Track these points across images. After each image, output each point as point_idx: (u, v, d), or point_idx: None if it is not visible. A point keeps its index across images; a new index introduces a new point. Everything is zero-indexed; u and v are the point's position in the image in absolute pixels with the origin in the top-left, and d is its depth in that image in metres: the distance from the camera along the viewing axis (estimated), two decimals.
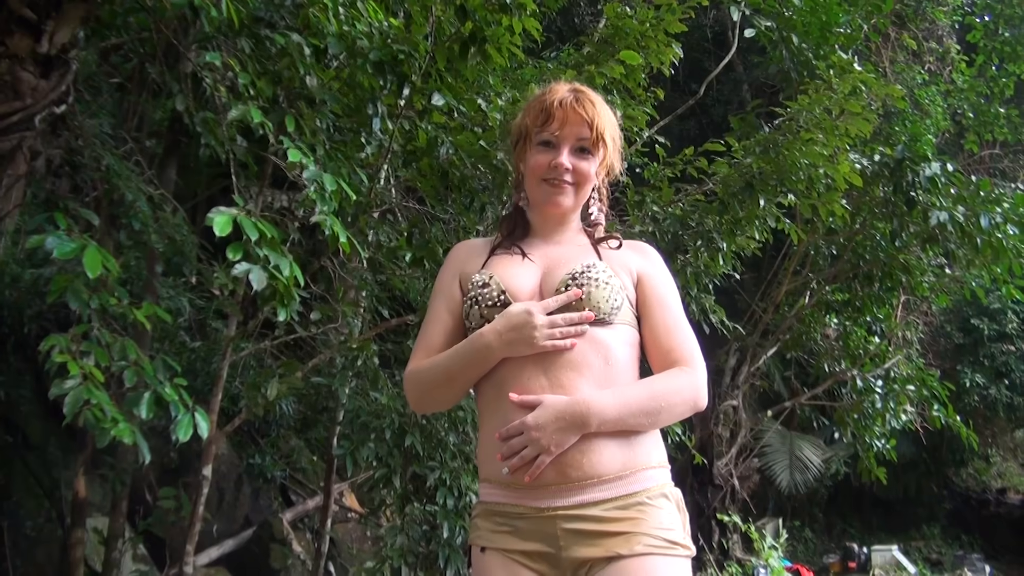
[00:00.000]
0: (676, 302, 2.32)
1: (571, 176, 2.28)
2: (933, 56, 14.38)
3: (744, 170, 6.58)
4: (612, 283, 2.20)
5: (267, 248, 3.38)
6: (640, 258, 2.36)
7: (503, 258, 2.36)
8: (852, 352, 10.13)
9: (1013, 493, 17.96)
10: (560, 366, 2.13)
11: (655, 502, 2.10)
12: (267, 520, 8.12)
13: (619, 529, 2.05)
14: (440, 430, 5.39)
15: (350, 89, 4.72)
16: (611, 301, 2.18)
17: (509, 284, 2.25)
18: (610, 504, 2.07)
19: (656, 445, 2.21)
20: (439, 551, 5.14)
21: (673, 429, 6.63)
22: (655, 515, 2.09)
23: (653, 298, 2.28)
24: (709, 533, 10.87)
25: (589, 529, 2.06)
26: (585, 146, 2.28)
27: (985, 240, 8.22)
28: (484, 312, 2.23)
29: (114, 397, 3.64)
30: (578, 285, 2.17)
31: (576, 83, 2.38)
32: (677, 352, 2.22)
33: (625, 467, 2.10)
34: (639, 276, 2.31)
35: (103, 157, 4.98)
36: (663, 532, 2.08)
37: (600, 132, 2.26)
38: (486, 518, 2.20)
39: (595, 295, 2.16)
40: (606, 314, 2.17)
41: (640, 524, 2.06)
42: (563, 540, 2.07)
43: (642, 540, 2.05)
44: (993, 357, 14.16)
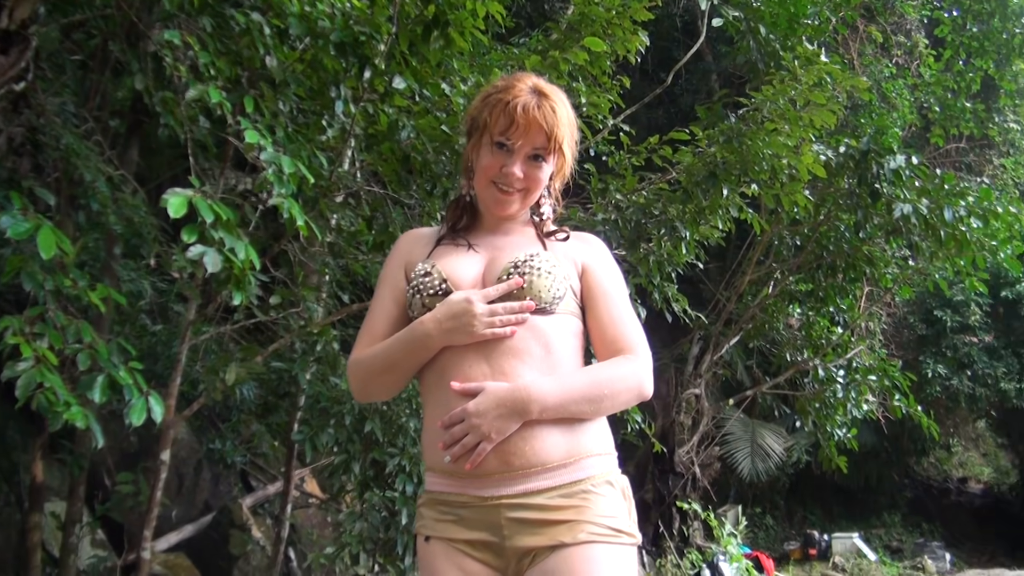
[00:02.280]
0: (621, 293, 2.32)
1: (521, 183, 2.27)
2: (901, 50, 14.49)
3: (708, 159, 6.59)
4: (555, 272, 2.20)
5: (223, 231, 3.34)
6: (585, 249, 2.36)
7: (448, 247, 2.36)
8: (815, 342, 10.19)
9: (974, 482, 18.21)
10: (501, 353, 2.13)
11: (599, 490, 2.11)
12: (227, 506, 8.07)
13: (563, 517, 2.05)
14: (401, 416, 5.38)
15: (313, 71, 4.69)
16: (553, 290, 2.17)
17: (451, 273, 2.25)
18: (554, 492, 2.07)
19: (602, 432, 2.20)
20: (398, 538, 5.13)
21: (634, 417, 6.65)
22: (599, 503, 2.09)
23: (598, 289, 2.28)
24: (670, 520, 10.92)
25: (533, 518, 2.06)
26: (540, 154, 2.26)
27: (949, 233, 8.29)
28: (426, 301, 2.23)
29: (68, 380, 3.61)
30: (520, 274, 2.17)
31: (538, 81, 2.32)
32: (622, 341, 2.21)
33: (569, 455, 2.09)
34: (584, 267, 2.31)
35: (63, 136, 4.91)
36: (607, 520, 2.08)
37: (558, 142, 2.23)
38: (431, 507, 2.21)
39: (536, 284, 2.16)
40: (547, 303, 2.17)
41: (584, 512, 2.06)
42: (507, 529, 2.07)
43: (586, 528, 2.05)
44: (956, 348, 14.31)
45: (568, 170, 2.39)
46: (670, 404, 11.18)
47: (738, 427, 12.85)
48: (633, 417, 6.66)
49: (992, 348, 14.45)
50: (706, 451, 11.69)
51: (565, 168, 2.36)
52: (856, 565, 13.01)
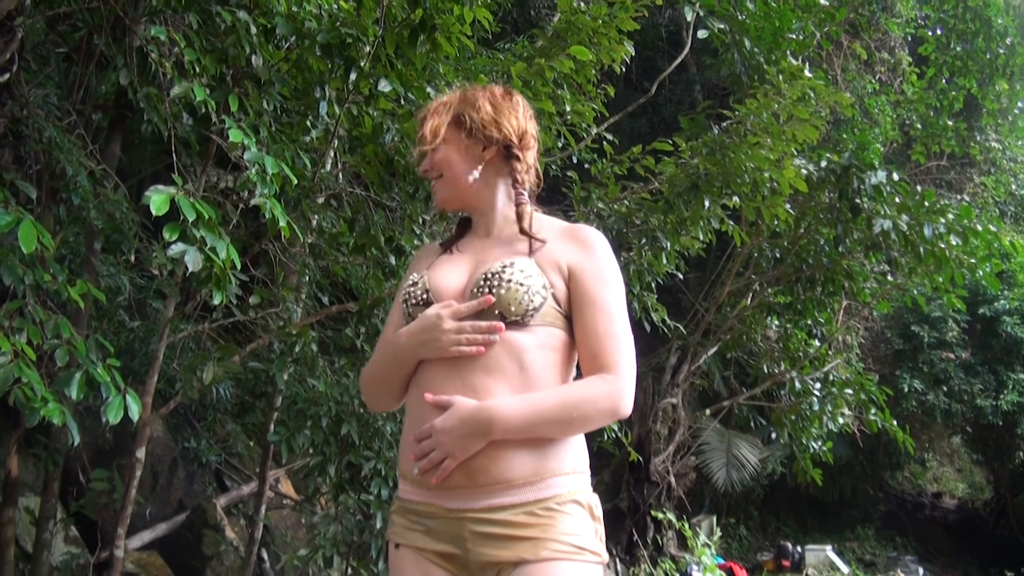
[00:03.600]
0: (611, 298, 2.21)
1: (434, 171, 2.35)
2: (884, 67, 14.59)
3: (690, 170, 6.62)
4: (528, 283, 2.14)
5: (204, 229, 3.33)
6: (574, 250, 2.26)
7: (445, 257, 2.38)
8: (792, 354, 10.24)
9: (948, 497, 18.30)
10: (473, 369, 2.12)
11: (565, 508, 2.09)
12: (201, 505, 8.03)
13: (526, 534, 2.05)
14: (378, 419, 5.37)
15: (298, 71, 4.69)
16: (524, 303, 2.12)
17: (435, 283, 2.26)
18: (518, 509, 2.06)
19: (572, 451, 2.17)
20: (372, 542, 5.11)
21: (610, 426, 6.66)
22: (564, 521, 2.07)
23: (583, 297, 2.20)
24: (644, 530, 10.94)
25: (496, 532, 2.05)
26: (432, 146, 2.32)
27: (928, 249, 8.33)
28: (410, 311, 2.26)
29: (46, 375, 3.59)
30: (489, 287, 2.14)
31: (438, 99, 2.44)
32: (602, 358, 2.15)
33: (535, 473, 2.08)
34: (570, 271, 2.22)
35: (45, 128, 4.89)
36: (570, 538, 2.06)
37: (434, 130, 2.31)
38: (401, 515, 2.22)
39: (505, 298, 2.12)
40: (519, 316, 2.13)
41: (547, 530, 2.05)
42: (470, 542, 2.07)
43: (548, 545, 2.04)
44: (932, 364, 14.40)
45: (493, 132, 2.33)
46: (647, 413, 11.20)
47: (714, 437, 12.89)
48: (610, 426, 6.67)
49: (969, 364, 14.54)
50: (682, 461, 11.73)
51: (479, 132, 2.32)
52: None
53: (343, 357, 6.13)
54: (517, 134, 2.36)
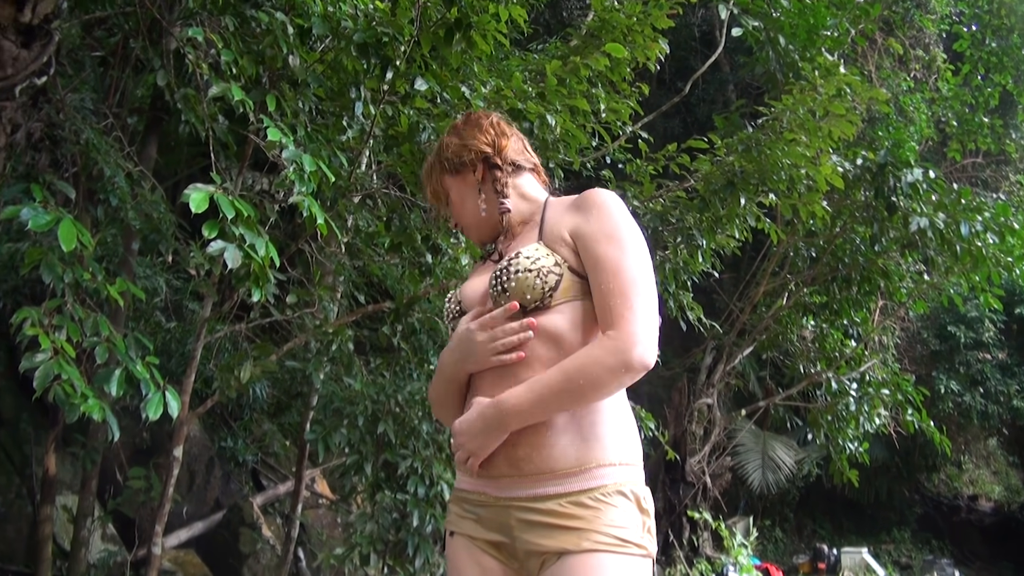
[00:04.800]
0: (612, 253, 2.13)
1: (458, 224, 2.48)
2: (919, 64, 14.45)
3: (726, 168, 6.59)
4: (537, 266, 2.12)
5: (243, 227, 3.36)
6: (574, 216, 2.23)
7: (476, 268, 2.51)
8: (828, 354, 10.16)
9: (984, 500, 18.09)
10: (515, 366, 2.14)
11: (610, 499, 2.06)
12: (237, 504, 8.09)
13: (570, 524, 2.03)
14: (414, 418, 5.37)
15: (334, 72, 4.71)
16: (538, 288, 2.11)
17: (464, 295, 2.33)
18: (564, 499, 2.05)
19: (618, 441, 2.14)
20: (408, 539, 5.12)
21: (647, 424, 6.64)
22: (609, 512, 2.04)
23: (587, 260, 2.15)
24: (680, 530, 10.90)
25: (541, 521, 2.05)
26: (443, 207, 2.51)
27: (964, 248, 8.26)
28: (451, 325, 2.36)
29: (85, 373, 3.62)
30: (501, 284, 2.14)
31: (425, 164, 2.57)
32: (606, 315, 2.08)
33: (579, 463, 2.06)
34: (573, 238, 2.19)
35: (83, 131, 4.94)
36: (614, 530, 2.03)
37: (435, 190, 2.49)
38: (457, 504, 2.25)
39: (516, 289, 2.12)
40: (538, 301, 2.12)
41: (592, 521, 2.03)
42: (517, 530, 2.08)
43: (591, 537, 2.01)
44: (969, 365, 14.24)
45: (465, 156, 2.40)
46: (682, 413, 11.17)
47: (749, 438, 12.82)
48: (647, 424, 6.66)
49: (1005, 365, 14.38)
50: (717, 461, 11.67)
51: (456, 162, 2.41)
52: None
53: (379, 356, 6.16)
54: (487, 145, 2.40)
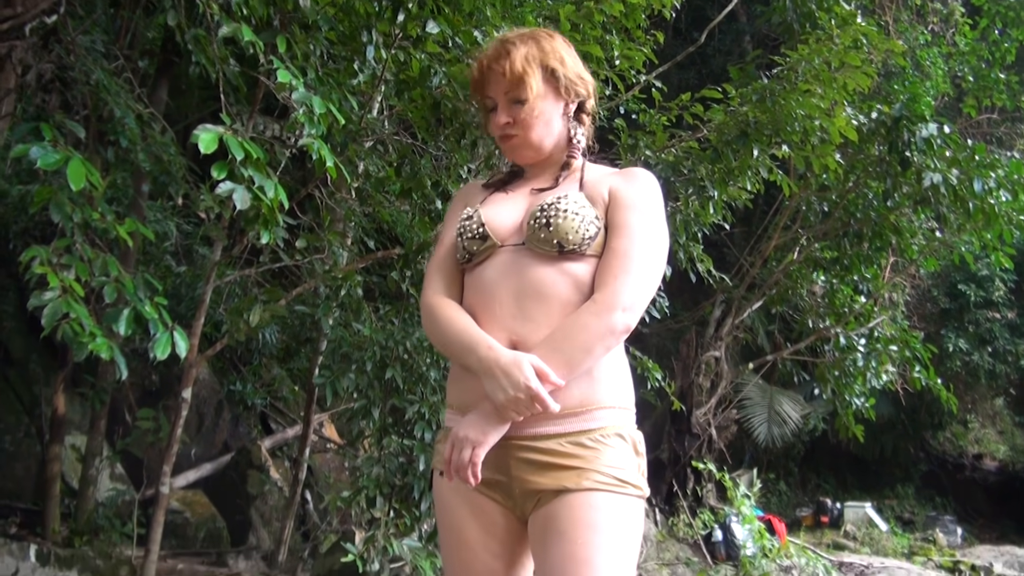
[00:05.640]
0: (636, 221, 2.20)
1: (515, 128, 2.30)
2: (937, 17, 14.26)
3: (739, 118, 6.54)
4: (582, 213, 2.17)
5: (252, 169, 3.34)
6: (618, 179, 2.30)
7: (496, 195, 2.41)
8: (837, 310, 10.13)
9: (989, 459, 18.13)
10: (530, 296, 2.15)
11: (608, 441, 2.11)
12: (246, 446, 8.16)
13: (569, 464, 2.07)
14: (422, 364, 5.39)
15: (345, 14, 4.67)
16: (580, 232, 2.14)
17: (490, 218, 2.28)
18: (563, 438, 2.09)
19: (618, 385, 2.20)
20: (415, 483, 5.16)
21: (653, 376, 6.66)
22: (607, 453, 2.10)
23: (613, 220, 2.20)
24: (684, 481, 10.95)
25: (540, 460, 2.09)
26: (516, 96, 2.27)
27: (977, 205, 8.21)
28: (465, 243, 2.27)
29: (94, 313, 3.63)
30: (547, 217, 2.15)
31: (506, 34, 2.38)
32: (603, 273, 2.14)
33: (581, 404, 2.11)
34: (611, 196, 2.24)
35: (93, 72, 4.92)
36: (613, 470, 2.09)
37: (518, 76, 2.25)
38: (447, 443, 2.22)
39: (562, 227, 2.14)
40: (576, 245, 2.15)
41: (591, 461, 2.08)
42: (515, 469, 2.11)
43: (591, 476, 2.07)
44: (978, 323, 14.21)
45: (578, 86, 2.36)
46: (689, 365, 11.18)
47: (756, 392, 12.84)
48: (653, 376, 6.67)
49: (1015, 325, 14.34)
50: (723, 414, 11.69)
51: (567, 82, 2.33)
52: (867, 534, 13.00)
53: (388, 303, 6.16)
54: (591, 88, 2.41)
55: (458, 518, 2.22)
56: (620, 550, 2.08)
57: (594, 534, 2.04)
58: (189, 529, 7.23)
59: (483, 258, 2.26)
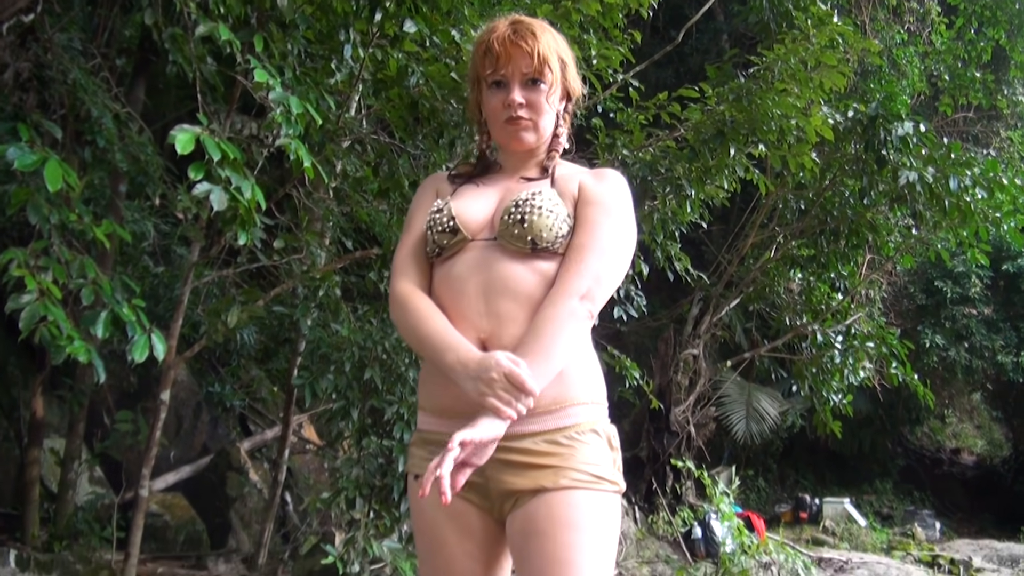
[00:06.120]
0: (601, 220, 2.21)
1: (526, 111, 2.27)
2: (913, 16, 14.35)
3: (716, 117, 6.57)
4: (556, 211, 2.17)
5: (229, 169, 3.34)
6: (589, 177, 2.31)
7: (467, 188, 2.38)
8: (814, 307, 10.18)
9: (967, 454, 18.28)
10: (499, 292, 2.14)
11: (584, 437, 2.11)
12: (225, 448, 8.12)
13: (546, 463, 2.07)
14: (400, 365, 5.39)
15: (322, 13, 4.66)
16: (554, 230, 2.15)
17: (460, 212, 2.25)
18: (539, 437, 2.08)
19: (590, 381, 2.20)
20: (394, 484, 5.16)
21: (632, 374, 6.68)
22: (583, 450, 2.10)
23: (580, 216, 2.22)
24: (663, 478, 10.95)
25: (517, 460, 2.07)
26: (533, 76, 2.26)
27: (953, 203, 8.27)
28: (435, 237, 2.25)
29: (71, 315, 3.62)
30: (521, 213, 2.15)
31: (515, 16, 2.35)
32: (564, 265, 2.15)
33: (555, 401, 2.10)
34: (580, 192, 2.26)
35: (70, 71, 4.89)
36: (589, 467, 2.09)
37: (544, 58, 2.23)
38: (421, 446, 2.23)
39: (537, 224, 2.13)
40: (549, 243, 2.15)
41: (567, 459, 2.08)
42: (491, 470, 2.07)
43: (568, 474, 2.06)
44: (954, 319, 14.29)
45: (575, 88, 2.38)
46: (668, 363, 11.19)
47: (734, 389, 12.87)
48: (632, 374, 6.69)
49: (991, 321, 14.44)
50: (702, 411, 11.71)
51: (569, 86, 2.36)
52: (846, 530, 13.06)
53: (366, 303, 6.15)
54: (580, 91, 2.42)
55: (434, 522, 2.20)
56: (600, 547, 2.09)
57: (574, 533, 2.04)
58: (169, 532, 7.19)
59: (453, 252, 2.24)
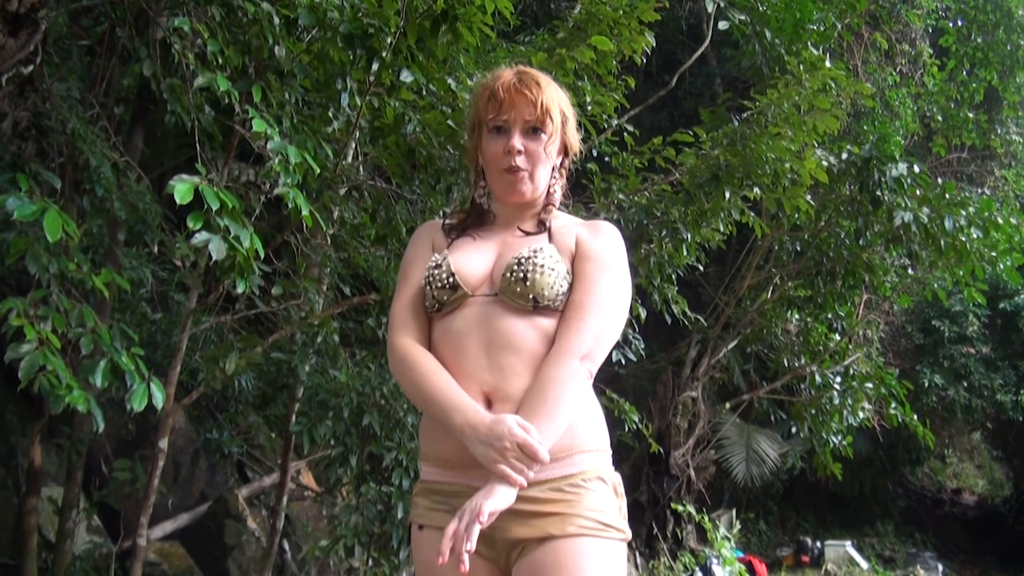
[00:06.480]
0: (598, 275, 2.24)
1: (525, 160, 2.28)
2: (905, 58, 14.48)
3: (711, 161, 6.60)
4: (557, 269, 2.20)
5: (228, 218, 3.35)
6: (585, 231, 2.34)
7: (463, 241, 2.39)
8: (812, 348, 10.19)
9: (968, 494, 18.17)
10: (501, 347, 2.15)
11: (590, 485, 2.12)
12: (223, 496, 8.07)
13: (553, 510, 2.07)
14: (399, 410, 5.38)
15: (320, 63, 4.71)
16: (555, 288, 2.18)
17: (460, 268, 2.27)
18: (545, 486, 2.09)
19: (595, 429, 2.21)
20: (393, 531, 5.14)
21: (631, 417, 6.67)
22: (589, 497, 2.10)
23: (577, 270, 2.25)
24: (664, 522, 10.92)
25: (523, 509, 2.06)
26: (534, 125, 2.28)
27: (949, 242, 8.30)
28: (435, 293, 2.26)
29: (70, 364, 3.62)
30: (524, 271, 2.17)
31: (521, 66, 2.40)
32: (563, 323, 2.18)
33: (561, 449, 2.10)
34: (577, 246, 2.29)
35: (69, 120, 4.93)
36: (596, 514, 2.09)
37: (546, 109, 2.27)
38: (425, 496, 2.23)
39: (540, 282, 2.16)
40: (551, 301, 2.17)
41: (574, 506, 2.08)
42: (497, 520, 2.04)
43: (575, 521, 2.07)
44: (953, 359, 14.27)
45: (573, 144, 2.41)
46: (667, 406, 11.18)
47: (733, 431, 12.84)
48: (631, 418, 6.68)
49: (989, 360, 14.42)
50: (701, 454, 11.69)
51: (568, 142, 2.39)
52: (848, 573, 12.98)
53: (364, 348, 6.15)
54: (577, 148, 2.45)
55: (439, 573, 2.14)
56: None
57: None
58: None
59: (452, 308, 2.25)
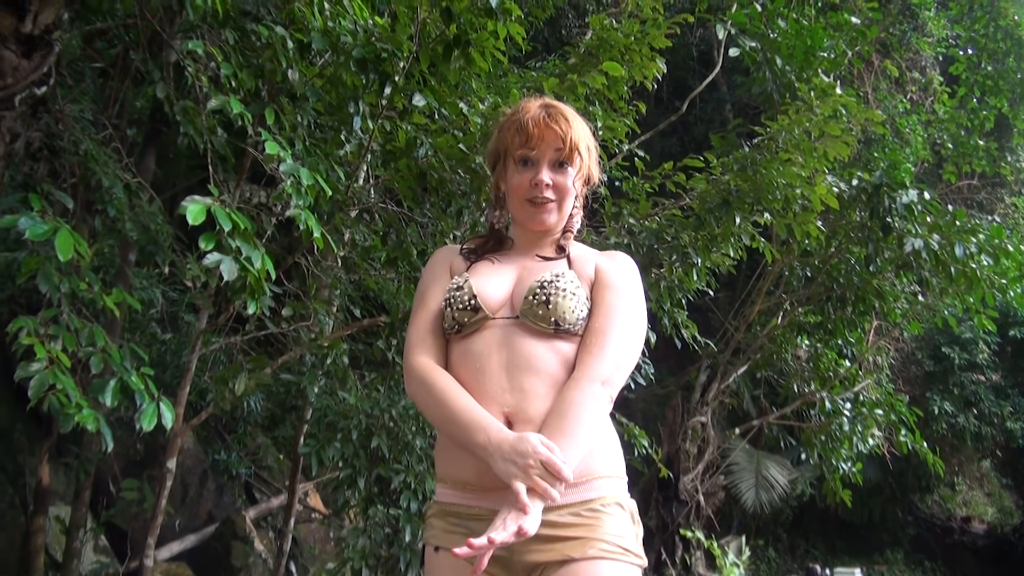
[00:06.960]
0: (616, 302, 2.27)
1: (552, 192, 2.32)
2: (916, 86, 14.51)
3: (722, 187, 6.60)
4: (578, 294, 2.23)
5: (240, 239, 3.37)
6: (603, 259, 2.39)
7: (483, 264, 2.41)
8: (822, 374, 10.15)
9: (978, 522, 18.06)
10: (521, 369, 2.16)
11: (609, 510, 2.13)
12: (230, 517, 8.06)
13: (572, 534, 2.07)
14: (407, 433, 5.38)
15: (332, 86, 4.73)
16: (576, 312, 2.20)
17: (481, 290, 2.28)
18: (564, 510, 2.08)
19: (612, 455, 2.23)
20: (400, 554, 5.12)
21: (640, 442, 6.65)
22: (609, 522, 2.11)
23: (596, 297, 2.28)
24: (672, 548, 10.86)
25: (542, 533, 2.03)
26: (562, 159, 2.32)
27: (959, 269, 8.27)
28: (456, 315, 2.27)
29: (80, 383, 3.63)
30: (546, 295, 2.19)
31: (546, 99, 2.44)
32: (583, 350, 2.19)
33: (580, 475, 2.10)
34: (596, 274, 2.32)
35: (82, 141, 4.95)
36: (615, 538, 2.10)
37: (575, 144, 2.30)
38: (441, 518, 2.22)
39: (561, 306, 2.19)
40: (571, 324, 2.19)
41: (594, 530, 2.08)
42: (515, 543, 2.01)
43: (596, 545, 2.07)
44: (963, 386, 14.23)
45: (596, 174, 2.45)
46: (676, 432, 11.15)
47: (743, 457, 12.80)
48: (640, 442, 6.67)
49: (999, 387, 14.38)
50: (710, 480, 11.65)
51: (590, 173, 2.42)
52: None
53: (374, 371, 6.15)
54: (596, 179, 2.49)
55: None
56: None
57: None
58: None
59: (472, 330, 2.26)
